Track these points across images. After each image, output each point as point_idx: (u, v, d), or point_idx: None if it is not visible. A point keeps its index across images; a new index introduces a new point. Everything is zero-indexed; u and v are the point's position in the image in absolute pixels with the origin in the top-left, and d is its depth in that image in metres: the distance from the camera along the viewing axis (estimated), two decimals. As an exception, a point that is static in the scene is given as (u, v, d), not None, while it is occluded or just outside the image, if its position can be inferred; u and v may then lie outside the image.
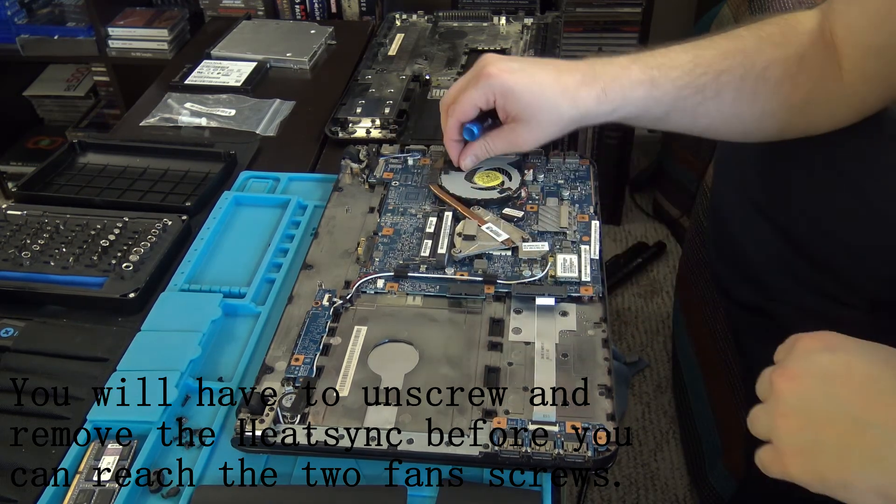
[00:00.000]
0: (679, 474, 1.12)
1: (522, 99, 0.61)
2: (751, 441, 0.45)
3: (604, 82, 0.61)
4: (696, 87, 0.60)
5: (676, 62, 0.61)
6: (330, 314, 0.58)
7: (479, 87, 0.63)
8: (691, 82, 0.60)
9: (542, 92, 0.61)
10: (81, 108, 1.81)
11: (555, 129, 0.63)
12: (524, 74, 0.61)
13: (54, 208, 0.71)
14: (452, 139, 0.67)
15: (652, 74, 0.60)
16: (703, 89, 0.60)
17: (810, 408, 0.41)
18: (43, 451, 0.51)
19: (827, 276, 0.64)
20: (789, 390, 0.42)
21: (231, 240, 0.70)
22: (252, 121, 0.90)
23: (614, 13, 1.42)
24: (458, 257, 0.62)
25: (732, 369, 0.95)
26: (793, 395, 0.42)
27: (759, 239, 0.68)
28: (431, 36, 1.04)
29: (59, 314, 0.62)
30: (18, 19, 1.59)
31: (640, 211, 1.65)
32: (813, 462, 0.40)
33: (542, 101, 0.61)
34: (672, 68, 0.60)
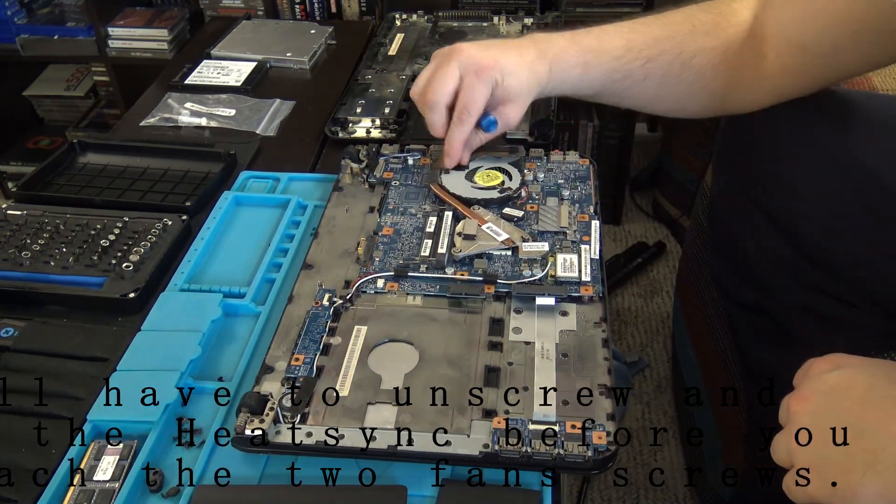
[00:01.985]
0: (679, 474, 1.12)
1: (513, 78, 0.64)
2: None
3: (549, 60, 0.65)
4: (624, 71, 0.65)
5: (609, 47, 0.65)
6: (330, 314, 0.58)
7: (483, 81, 0.64)
8: (620, 67, 0.65)
9: (521, 72, 0.64)
10: (81, 108, 1.81)
11: (527, 102, 0.67)
12: (505, 57, 0.64)
13: (54, 208, 0.71)
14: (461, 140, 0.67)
15: (586, 58, 0.65)
16: (632, 74, 0.65)
17: (818, 423, 0.42)
18: (43, 451, 0.51)
19: (827, 274, 0.64)
20: (802, 410, 0.43)
21: (231, 240, 0.70)
22: (252, 121, 0.90)
23: (614, 13, 1.42)
24: (458, 257, 0.62)
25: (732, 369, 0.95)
26: (805, 414, 0.43)
27: (758, 237, 0.68)
28: (431, 36, 1.04)
29: (59, 314, 0.62)
30: (18, 19, 1.59)
31: (640, 211, 1.65)
32: (824, 476, 0.40)
33: (523, 81, 0.65)
34: (604, 52, 0.65)
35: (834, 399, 0.42)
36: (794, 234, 0.66)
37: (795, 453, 0.42)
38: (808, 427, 0.42)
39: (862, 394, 0.41)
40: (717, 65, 0.64)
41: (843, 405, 0.41)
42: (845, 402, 0.42)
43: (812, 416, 0.42)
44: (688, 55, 0.64)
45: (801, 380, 0.45)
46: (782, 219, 0.66)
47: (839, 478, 0.40)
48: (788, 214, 0.66)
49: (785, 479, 0.43)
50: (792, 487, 0.43)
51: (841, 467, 0.40)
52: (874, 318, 0.63)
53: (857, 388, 0.42)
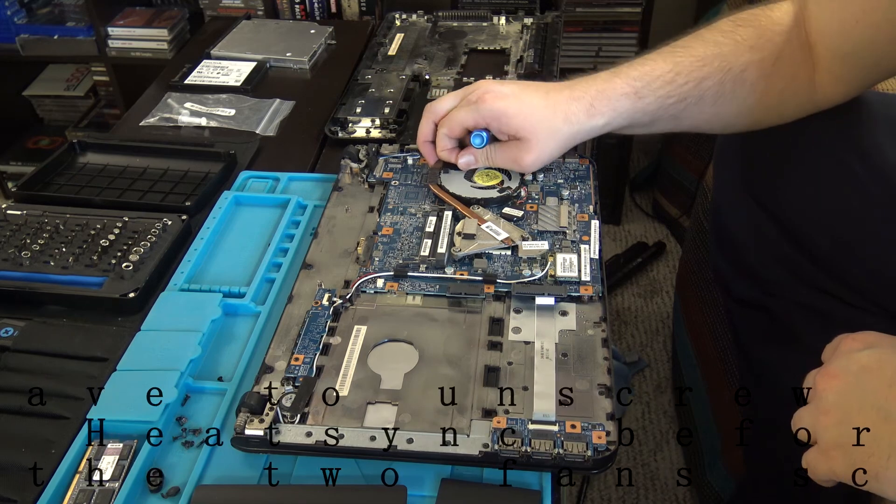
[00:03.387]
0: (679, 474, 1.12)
1: (514, 121, 0.64)
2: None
3: (590, 97, 0.63)
4: (678, 95, 0.63)
5: (657, 73, 0.63)
6: (330, 314, 0.58)
7: (469, 110, 0.65)
8: (673, 91, 0.63)
9: (533, 112, 0.63)
10: (81, 107, 1.81)
11: (553, 146, 0.65)
12: (515, 99, 0.64)
13: (54, 208, 0.71)
14: (445, 148, 0.68)
15: (635, 86, 0.63)
16: (686, 97, 0.63)
17: (846, 402, 0.42)
18: (43, 451, 0.51)
19: (827, 272, 0.64)
20: (830, 388, 0.43)
21: (231, 240, 0.70)
22: (252, 121, 0.90)
23: (614, 13, 1.42)
24: (458, 256, 0.62)
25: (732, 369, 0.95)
26: (832, 392, 0.43)
27: (759, 233, 0.68)
28: (431, 36, 1.04)
29: (58, 314, 0.62)
30: (18, 19, 1.59)
31: (639, 211, 1.65)
32: (849, 456, 0.41)
33: (535, 121, 0.63)
34: (654, 79, 0.63)
35: (863, 379, 0.42)
36: (795, 231, 0.66)
37: (821, 431, 0.43)
38: (836, 405, 0.42)
39: (892, 375, 0.41)
40: (770, 76, 0.62)
41: (872, 386, 0.41)
42: (874, 382, 0.41)
43: (839, 394, 0.42)
44: (737, 70, 0.62)
45: (831, 356, 0.45)
46: (783, 215, 0.66)
47: (863, 459, 0.40)
48: (790, 211, 0.66)
49: (807, 455, 0.44)
50: (814, 463, 0.43)
51: (866, 449, 0.40)
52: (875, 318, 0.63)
53: (887, 369, 0.42)
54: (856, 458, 0.40)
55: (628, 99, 0.63)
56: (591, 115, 0.63)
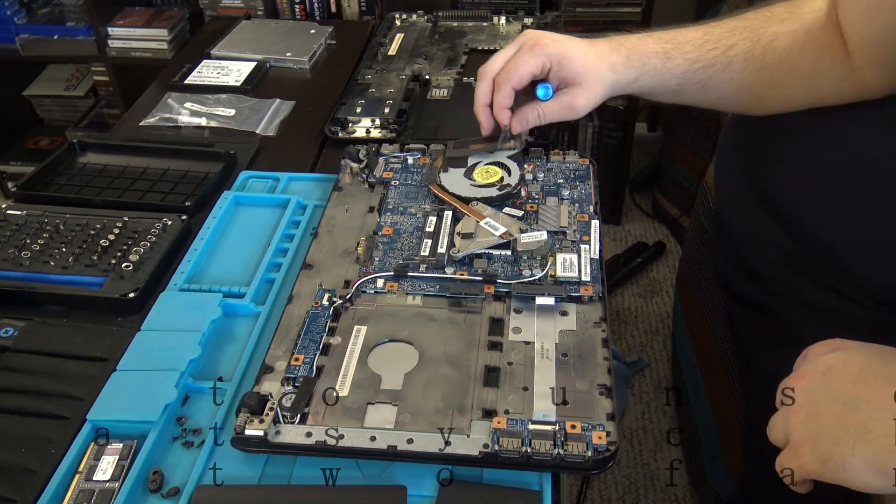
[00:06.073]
0: (679, 474, 1.12)
1: (574, 64, 0.65)
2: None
3: (627, 49, 0.66)
4: (706, 60, 0.65)
5: (687, 38, 0.66)
6: (330, 314, 0.58)
7: (535, 55, 0.66)
8: (702, 56, 0.65)
9: (587, 57, 0.66)
10: (81, 107, 1.81)
11: (600, 92, 0.67)
12: (570, 42, 0.66)
13: (54, 208, 0.71)
14: (505, 106, 0.68)
15: (665, 47, 0.66)
16: (714, 62, 0.65)
17: (813, 399, 0.43)
18: (43, 451, 0.51)
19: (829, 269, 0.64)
20: (798, 388, 0.45)
21: (231, 240, 0.70)
22: (252, 121, 0.90)
23: (614, 13, 1.42)
24: (457, 256, 0.62)
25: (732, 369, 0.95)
26: (801, 391, 0.44)
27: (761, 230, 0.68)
28: (431, 36, 1.04)
29: (58, 314, 0.62)
30: (18, 19, 1.58)
31: (639, 211, 1.65)
32: (817, 449, 0.42)
33: (590, 66, 0.66)
34: (683, 43, 0.65)
35: (829, 378, 0.44)
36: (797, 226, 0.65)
37: (792, 430, 0.44)
38: (803, 404, 0.44)
39: (856, 372, 0.43)
40: (802, 45, 0.62)
41: (838, 382, 0.43)
42: (840, 379, 0.43)
43: (807, 393, 0.44)
44: (767, 39, 0.63)
45: (800, 362, 0.47)
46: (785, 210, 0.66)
47: (830, 449, 0.41)
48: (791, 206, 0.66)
49: (779, 457, 0.45)
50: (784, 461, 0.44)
51: (833, 439, 0.41)
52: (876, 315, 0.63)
53: (851, 367, 0.43)
54: (823, 449, 0.41)
55: (658, 58, 0.65)
56: (627, 66, 0.66)
